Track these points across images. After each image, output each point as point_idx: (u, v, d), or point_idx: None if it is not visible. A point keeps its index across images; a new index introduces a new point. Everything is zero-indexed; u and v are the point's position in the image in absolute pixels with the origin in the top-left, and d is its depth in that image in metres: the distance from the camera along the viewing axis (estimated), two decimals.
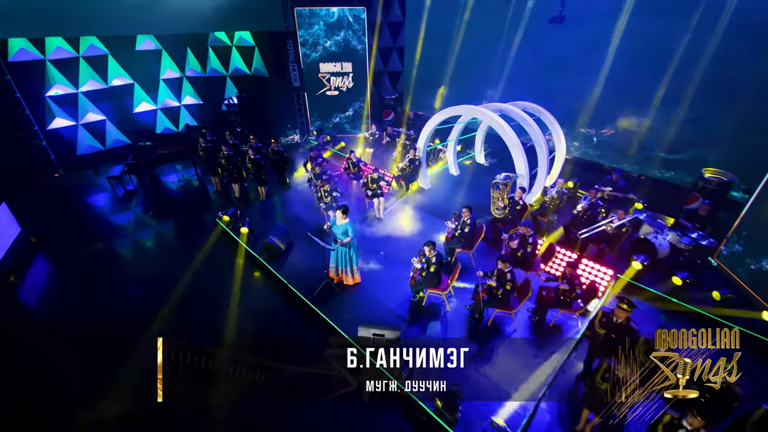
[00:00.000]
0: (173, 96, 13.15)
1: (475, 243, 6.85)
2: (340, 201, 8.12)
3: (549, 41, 9.71)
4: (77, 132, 11.75)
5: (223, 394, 4.61)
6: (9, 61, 10.20)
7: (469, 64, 11.50)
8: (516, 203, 7.16)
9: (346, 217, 5.99)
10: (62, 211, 9.51)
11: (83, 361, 5.42)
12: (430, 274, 5.74)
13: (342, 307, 6.13)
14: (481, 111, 7.84)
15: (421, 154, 9.25)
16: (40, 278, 7.41)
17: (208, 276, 7.07)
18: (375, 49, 12.81)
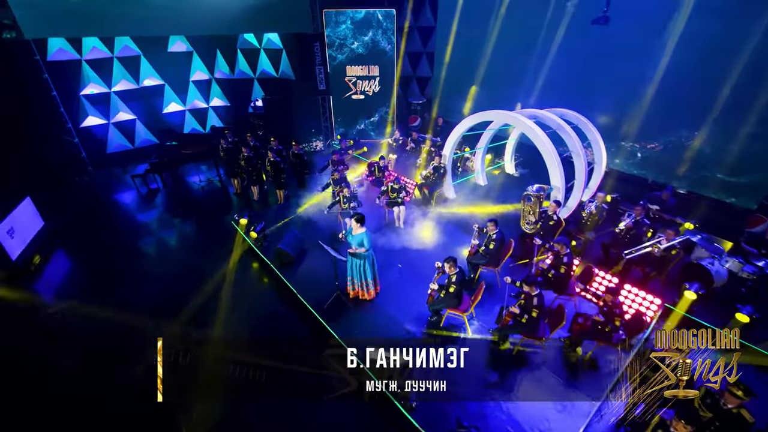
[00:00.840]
0: (202, 97, 13.28)
1: (501, 260, 6.24)
2: (358, 210, 7.71)
3: (591, 44, 8.98)
4: (108, 130, 12.01)
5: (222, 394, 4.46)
6: (48, 60, 10.53)
7: (501, 68, 10.88)
8: (549, 218, 6.49)
9: (362, 227, 5.56)
10: (87, 206, 9.62)
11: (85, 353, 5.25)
12: (449, 294, 5.19)
13: (352, 323, 5.67)
14: (515, 117, 7.25)
15: (446, 162, 8.72)
16: (57, 271, 7.40)
17: (217, 278, 6.82)
18: (402, 52, 12.43)
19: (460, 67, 12.18)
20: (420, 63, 13.77)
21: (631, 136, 9.31)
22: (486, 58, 11.13)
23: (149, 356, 5.16)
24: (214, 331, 5.74)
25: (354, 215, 5.54)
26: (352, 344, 4.66)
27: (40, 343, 5.69)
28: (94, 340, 5.65)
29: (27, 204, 7.93)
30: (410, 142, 10.38)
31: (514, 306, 4.83)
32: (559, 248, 5.45)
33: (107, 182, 11.06)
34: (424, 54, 13.63)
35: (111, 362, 5.22)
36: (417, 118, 12.49)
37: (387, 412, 4.62)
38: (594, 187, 8.50)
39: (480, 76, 11.48)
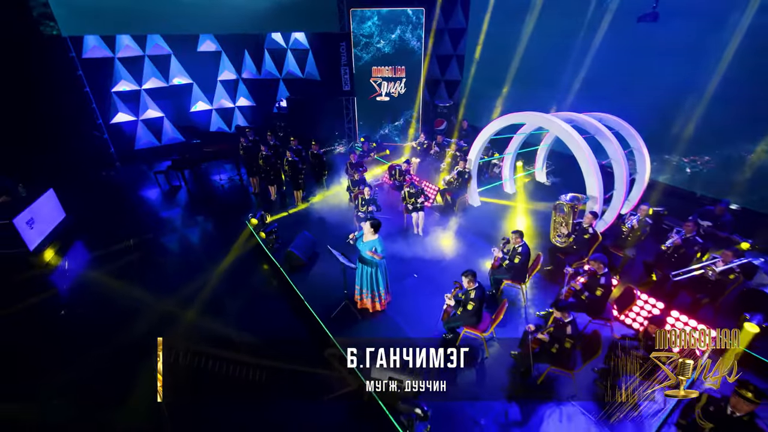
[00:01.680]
0: (228, 97, 13.34)
1: (527, 275, 5.64)
2: (376, 215, 7.30)
3: (637, 44, 8.21)
4: (137, 127, 12.22)
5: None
6: (83, 57, 10.81)
7: (534, 70, 10.22)
8: (584, 231, 5.84)
9: (375, 234, 5.13)
10: (109, 201, 9.71)
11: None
12: (467, 312, 4.67)
13: (359, 335, 5.23)
14: (549, 119, 6.64)
15: (472, 167, 8.19)
16: (75, 262, 7.39)
17: (222, 278, 6.61)
18: (429, 51, 11.97)
19: (489, 69, 11.61)
20: (449, 66, 13.30)
21: (679, 148, 8.33)
22: (518, 57, 10.49)
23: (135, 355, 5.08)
24: (212, 329, 5.47)
25: (369, 219, 5.12)
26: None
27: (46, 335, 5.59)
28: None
29: (50, 196, 8.02)
30: (434, 145, 9.90)
31: (542, 333, 4.24)
32: (595, 267, 4.81)
33: (132, 178, 11.20)
34: (454, 57, 13.16)
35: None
36: (443, 121, 12.00)
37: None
38: (635, 199, 7.72)
39: (511, 76, 10.81)
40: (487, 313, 5.05)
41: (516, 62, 10.54)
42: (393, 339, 5.13)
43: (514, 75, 10.74)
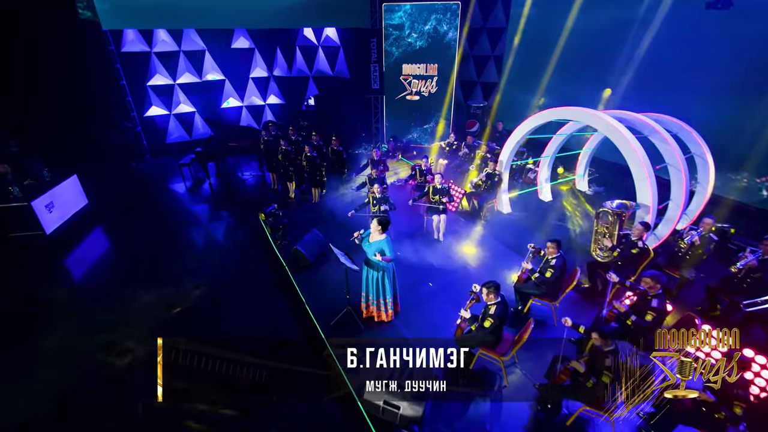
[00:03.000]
0: (259, 94, 13.33)
1: (561, 292, 4.82)
2: (391, 214, 6.71)
3: (703, 36, 7.16)
4: (169, 121, 12.40)
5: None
6: (121, 51, 11.10)
7: (580, 67, 9.29)
8: (632, 244, 4.94)
9: (384, 233, 4.55)
10: (134, 191, 9.79)
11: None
12: (483, 329, 3.95)
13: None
14: (598, 116, 5.78)
15: (503, 169, 7.43)
16: (91, 248, 7.33)
17: (225, 271, 6.27)
18: (462, 46, 11.29)
19: (528, 66, 10.76)
20: (486, 67, 12.57)
21: (750, 165, 7.08)
22: (559, 48, 9.58)
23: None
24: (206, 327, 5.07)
25: (377, 217, 4.55)
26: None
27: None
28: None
29: (73, 181, 8.09)
30: (464, 146, 9.19)
31: (577, 361, 3.45)
32: (648, 286, 3.93)
33: (160, 170, 11.31)
34: (491, 57, 12.42)
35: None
36: (476, 123, 11.26)
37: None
38: (694, 213, 6.65)
39: (552, 66, 9.87)
40: (509, 333, 4.30)
41: (556, 55, 9.65)
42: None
43: (556, 71, 9.84)
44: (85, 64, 10.26)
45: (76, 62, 9.93)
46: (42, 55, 9.10)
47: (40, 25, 9.08)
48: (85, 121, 10.00)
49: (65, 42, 9.62)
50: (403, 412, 3.53)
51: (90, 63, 10.41)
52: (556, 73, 9.83)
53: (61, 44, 9.50)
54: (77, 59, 9.97)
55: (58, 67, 9.51)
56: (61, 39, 9.49)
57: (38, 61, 9.08)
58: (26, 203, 6.83)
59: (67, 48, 9.69)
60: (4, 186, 6.99)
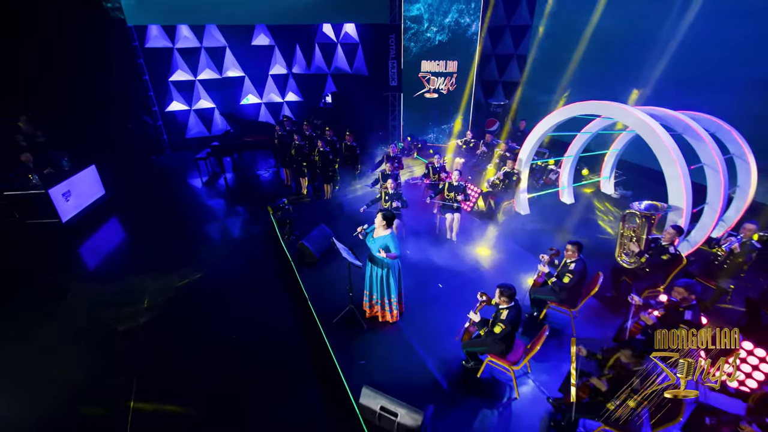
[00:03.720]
0: (278, 92, 13.34)
1: (581, 299, 4.44)
2: (402, 212, 6.46)
3: (747, 26, 6.60)
4: (189, 116, 12.56)
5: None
6: (145, 46, 11.30)
7: (607, 62, 8.79)
8: (662, 250, 4.50)
9: (389, 228, 4.30)
10: (151, 184, 9.90)
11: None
12: (493, 335, 3.63)
13: (361, 348, 4.39)
14: (628, 110, 5.35)
15: (522, 168, 7.05)
16: (104, 237, 7.40)
17: (234, 264, 6.23)
18: (482, 40, 10.92)
19: (552, 60, 10.29)
20: (509, 66, 12.17)
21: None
22: (584, 43, 9.09)
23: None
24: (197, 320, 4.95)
25: (381, 210, 4.31)
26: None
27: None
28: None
29: (91, 171, 8.22)
30: (482, 145, 8.84)
31: (598, 378, 3.09)
32: (680, 297, 3.51)
33: (179, 164, 11.44)
34: (514, 56, 12.03)
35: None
36: (495, 121, 10.88)
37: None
38: (732, 220, 6.09)
39: (576, 61, 9.40)
40: (522, 341, 3.97)
41: (582, 51, 9.16)
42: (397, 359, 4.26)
43: (581, 67, 9.34)
44: (110, 59, 10.48)
45: (101, 57, 10.15)
46: (69, 49, 9.31)
47: (67, 21, 9.30)
48: (107, 114, 10.18)
49: (92, 37, 9.84)
50: (401, 420, 3.26)
51: (114, 58, 10.63)
52: (581, 70, 9.35)
53: (87, 39, 9.72)
54: (102, 54, 10.19)
55: (84, 61, 9.73)
56: (88, 34, 9.71)
57: (65, 55, 9.30)
58: (44, 191, 6.94)
59: (94, 43, 9.92)
60: (25, 174, 7.13)
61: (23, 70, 8.72)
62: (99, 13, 10.15)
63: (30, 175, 7.11)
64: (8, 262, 6.35)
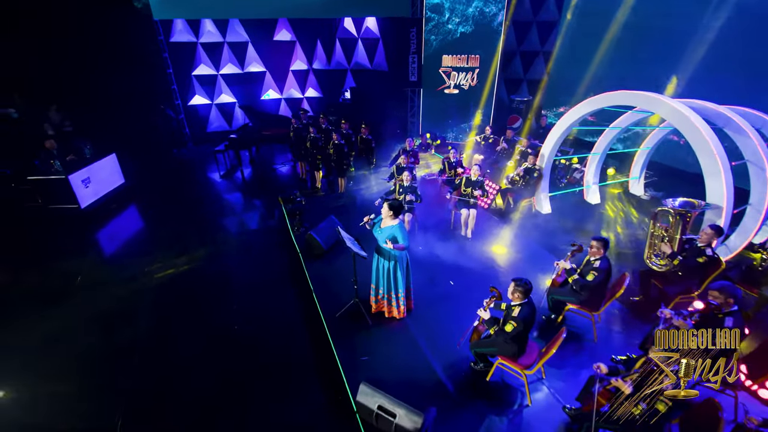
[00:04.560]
0: (298, 87, 13.35)
1: (604, 302, 4.07)
2: (416, 206, 6.22)
3: None
4: (211, 110, 12.72)
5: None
6: (170, 41, 11.51)
7: (637, 50, 8.26)
8: (698, 251, 4.08)
9: (396, 218, 4.08)
10: (170, 174, 10.04)
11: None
12: (504, 334, 3.34)
13: (365, 344, 4.17)
14: (665, 101, 4.92)
15: (544, 165, 6.68)
16: (120, 224, 7.49)
17: (242, 254, 6.15)
18: (504, 34, 10.55)
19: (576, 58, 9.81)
20: (535, 63, 11.72)
21: None
22: (611, 36, 8.59)
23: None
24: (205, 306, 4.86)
25: (387, 199, 4.10)
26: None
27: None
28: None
29: (111, 160, 8.37)
30: (503, 141, 8.48)
31: (621, 379, 2.76)
32: (720, 300, 3.11)
33: (199, 157, 11.59)
34: (540, 53, 11.57)
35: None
36: (518, 118, 10.47)
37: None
38: None
39: (602, 51, 8.89)
40: (536, 344, 3.65)
41: (608, 42, 8.66)
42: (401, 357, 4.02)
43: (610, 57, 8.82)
44: (136, 53, 10.71)
45: (128, 51, 10.37)
46: (97, 43, 9.54)
47: (97, 17, 9.54)
48: (131, 106, 10.38)
49: (119, 32, 10.08)
50: (400, 422, 3.02)
51: (140, 52, 10.85)
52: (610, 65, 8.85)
53: (115, 34, 9.95)
54: (129, 48, 10.42)
55: (111, 54, 9.96)
56: (116, 29, 9.94)
57: (94, 49, 9.54)
58: (64, 176, 7.09)
59: (121, 37, 10.14)
60: (48, 160, 7.30)
61: (54, 63, 8.99)
62: (127, 9, 10.39)
63: (52, 160, 7.27)
64: (28, 245, 6.49)
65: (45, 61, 8.87)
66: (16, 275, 5.71)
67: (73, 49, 9.18)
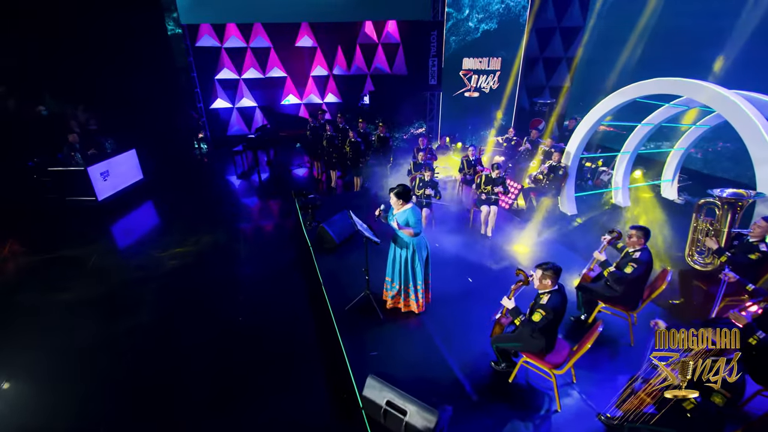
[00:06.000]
0: (318, 92, 13.41)
1: (642, 300, 3.66)
2: (435, 204, 5.95)
3: None
4: (232, 114, 12.88)
5: None
6: (196, 45, 11.79)
7: (672, 41, 7.86)
8: (749, 248, 3.62)
9: (405, 203, 3.81)
10: (190, 173, 10.09)
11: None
12: (531, 325, 2.98)
13: (376, 339, 3.86)
14: (716, 90, 4.52)
15: (570, 163, 6.32)
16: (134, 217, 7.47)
17: (254, 250, 5.96)
18: (528, 33, 10.32)
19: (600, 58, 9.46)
20: (558, 69, 11.43)
21: None
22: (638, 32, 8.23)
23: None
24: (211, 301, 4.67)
25: (393, 188, 3.86)
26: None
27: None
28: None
29: (131, 155, 8.46)
30: (526, 142, 8.15)
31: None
32: None
33: (218, 158, 11.69)
34: (563, 60, 11.29)
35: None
36: (541, 121, 10.14)
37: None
38: None
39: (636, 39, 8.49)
40: (566, 343, 3.27)
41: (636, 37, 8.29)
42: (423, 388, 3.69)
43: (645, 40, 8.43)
44: (162, 56, 10.97)
45: (153, 54, 10.63)
46: (125, 45, 9.77)
47: (129, 25, 9.78)
48: (162, 109, 10.56)
49: (148, 36, 10.34)
50: (411, 420, 2.69)
51: (168, 55, 11.12)
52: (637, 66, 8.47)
53: (144, 39, 10.20)
54: (156, 50, 10.68)
55: (138, 57, 10.18)
56: (146, 34, 10.19)
57: (121, 51, 9.77)
58: (83, 168, 7.15)
59: (149, 41, 10.40)
60: (70, 152, 7.41)
61: (83, 65, 9.22)
62: (157, 14, 10.68)
63: (73, 153, 7.37)
64: (47, 235, 6.52)
65: (75, 63, 9.12)
66: (23, 263, 5.68)
67: (101, 53, 9.43)
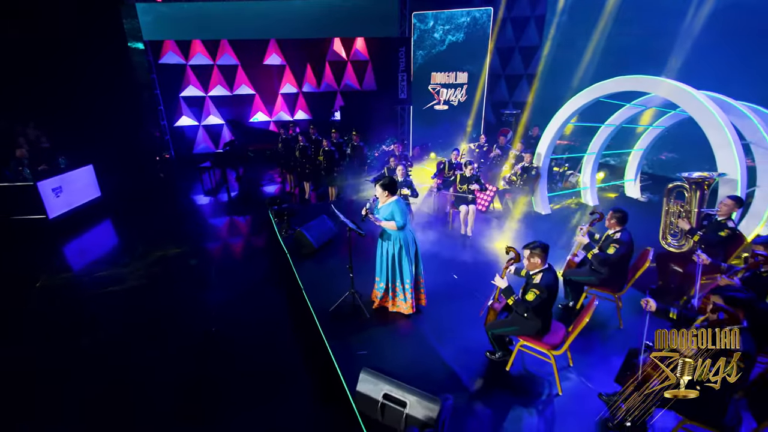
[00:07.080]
0: (287, 110, 13.32)
1: (627, 282, 3.70)
2: (413, 208, 5.90)
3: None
4: (198, 132, 12.49)
5: None
6: (159, 62, 11.46)
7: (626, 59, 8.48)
8: (719, 226, 3.79)
9: (391, 195, 3.72)
10: (152, 191, 9.53)
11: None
12: (525, 305, 2.90)
13: (364, 339, 3.65)
14: (670, 82, 4.80)
15: (541, 164, 6.51)
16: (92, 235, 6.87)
17: (227, 263, 5.59)
18: (491, 51, 10.83)
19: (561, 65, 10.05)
20: (519, 85, 12.05)
21: None
22: (596, 39, 8.85)
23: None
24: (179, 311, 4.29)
25: (377, 178, 3.77)
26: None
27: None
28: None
29: (87, 171, 7.91)
30: (495, 148, 8.38)
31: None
32: (762, 257, 2.78)
33: (182, 176, 11.16)
34: (524, 77, 11.95)
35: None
36: (509, 131, 10.49)
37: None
38: None
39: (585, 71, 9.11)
40: (561, 325, 3.21)
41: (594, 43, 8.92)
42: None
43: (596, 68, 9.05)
44: (122, 71, 10.57)
45: (116, 70, 10.23)
46: (87, 64, 9.37)
47: (90, 41, 9.44)
48: (122, 126, 10.09)
49: (108, 52, 9.97)
50: (411, 411, 2.49)
51: (129, 72, 10.74)
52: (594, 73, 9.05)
53: (104, 54, 9.82)
54: (118, 68, 10.29)
55: (97, 73, 9.74)
56: (106, 50, 9.83)
57: (83, 67, 9.35)
58: (32, 183, 6.58)
59: (110, 57, 10.03)
60: (17, 167, 6.82)
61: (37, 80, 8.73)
62: (118, 31, 10.35)
63: (20, 167, 6.79)
64: None
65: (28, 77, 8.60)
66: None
67: (57, 68, 8.97)
